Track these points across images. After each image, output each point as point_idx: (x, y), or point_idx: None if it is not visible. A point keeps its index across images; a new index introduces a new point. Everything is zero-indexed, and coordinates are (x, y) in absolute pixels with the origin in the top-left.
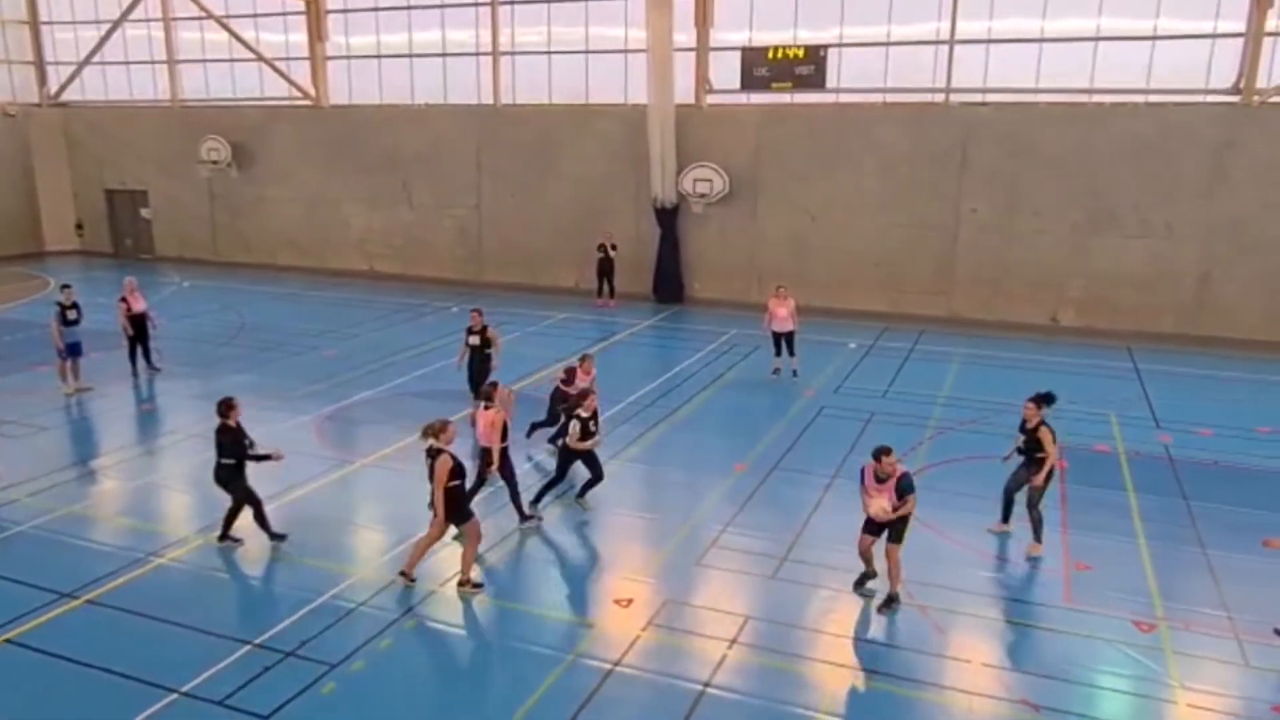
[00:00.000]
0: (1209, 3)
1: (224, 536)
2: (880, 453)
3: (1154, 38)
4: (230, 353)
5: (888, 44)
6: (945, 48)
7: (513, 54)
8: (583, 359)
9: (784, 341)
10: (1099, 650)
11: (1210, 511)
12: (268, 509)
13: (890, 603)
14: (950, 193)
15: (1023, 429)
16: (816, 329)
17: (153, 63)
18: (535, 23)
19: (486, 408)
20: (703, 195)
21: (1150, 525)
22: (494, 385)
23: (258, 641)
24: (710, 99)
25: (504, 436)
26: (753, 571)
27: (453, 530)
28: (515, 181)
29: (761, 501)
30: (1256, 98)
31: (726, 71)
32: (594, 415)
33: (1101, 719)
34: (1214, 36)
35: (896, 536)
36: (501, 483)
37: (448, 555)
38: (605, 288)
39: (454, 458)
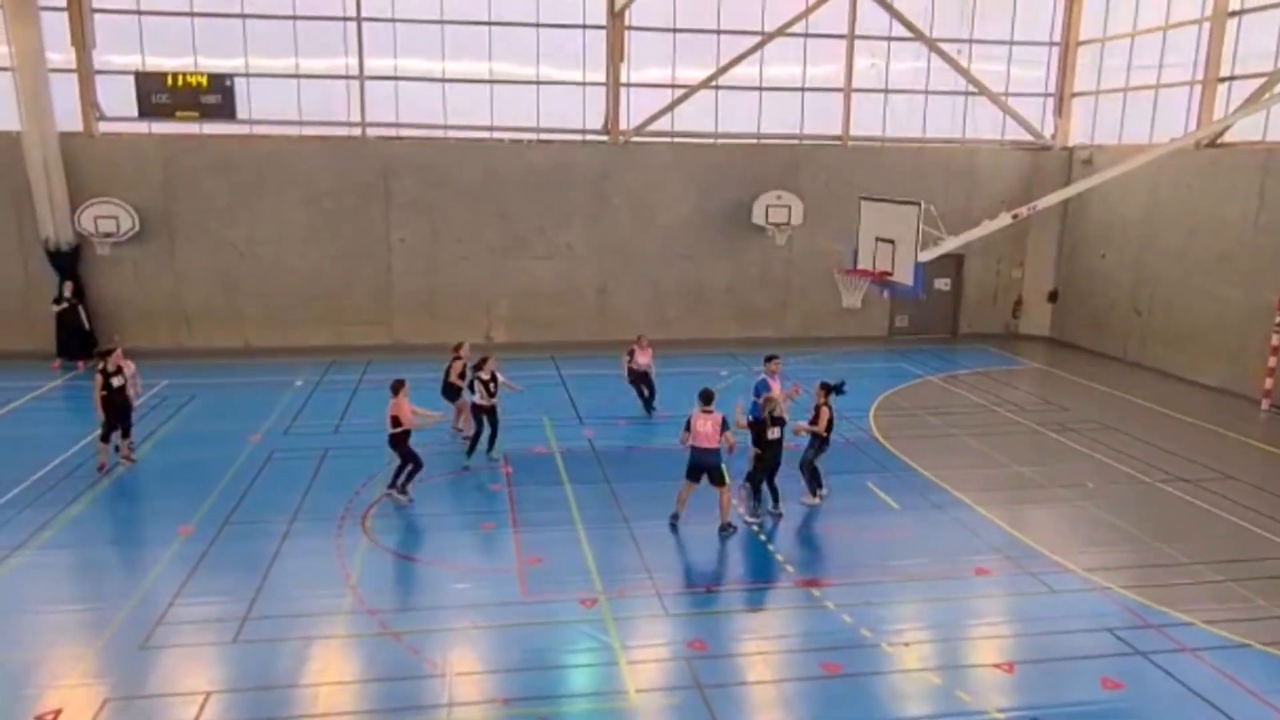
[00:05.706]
0: (578, 55)
1: None
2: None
3: (537, 82)
4: None
5: (297, 76)
6: (357, 83)
7: None
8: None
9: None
10: (557, 633)
11: (629, 490)
12: None
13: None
14: (378, 223)
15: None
16: (261, 370)
17: None
18: None
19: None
20: (108, 235)
21: (585, 511)
22: None
23: None
24: (103, 127)
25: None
26: (210, 641)
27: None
28: None
29: (215, 563)
30: (621, 137)
31: (120, 98)
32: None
33: (564, 695)
34: (584, 84)
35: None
36: None
37: None
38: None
39: None
